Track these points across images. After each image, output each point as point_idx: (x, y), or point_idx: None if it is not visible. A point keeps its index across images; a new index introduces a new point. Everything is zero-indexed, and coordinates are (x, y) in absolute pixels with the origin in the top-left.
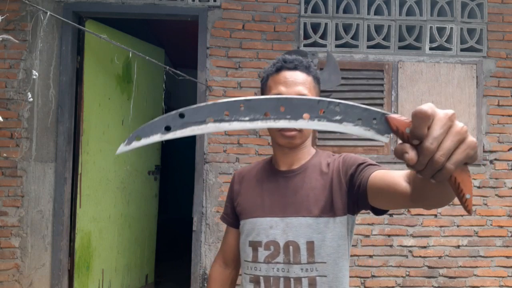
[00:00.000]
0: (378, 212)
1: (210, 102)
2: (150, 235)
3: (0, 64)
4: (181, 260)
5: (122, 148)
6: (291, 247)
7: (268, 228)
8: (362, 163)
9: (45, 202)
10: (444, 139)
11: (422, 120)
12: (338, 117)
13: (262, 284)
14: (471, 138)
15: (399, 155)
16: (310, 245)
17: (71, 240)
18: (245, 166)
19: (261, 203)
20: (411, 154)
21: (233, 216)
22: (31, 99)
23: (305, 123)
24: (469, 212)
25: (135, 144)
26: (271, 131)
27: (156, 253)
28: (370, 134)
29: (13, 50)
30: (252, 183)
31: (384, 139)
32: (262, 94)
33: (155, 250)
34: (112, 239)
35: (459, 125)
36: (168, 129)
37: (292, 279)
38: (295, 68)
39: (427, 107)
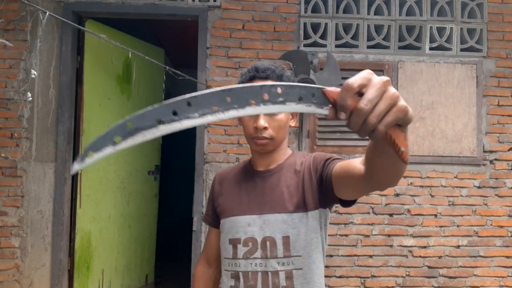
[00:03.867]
0: (345, 203)
1: (156, 105)
2: (150, 235)
3: (0, 64)
4: (181, 260)
5: (76, 167)
6: (268, 242)
7: (247, 225)
8: (328, 158)
9: (45, 202)
10: (378, 102)
11: (346, 91)
12: (281, 99)
13: (241, 279)
14: (402, 103)
15: (330, 117)
16: (286, 239)
17: (71, 240)
18: (225, 168)
19: (239, 202)
20: (331, 111)
21: (214, 217)
22: (30, 98)
23: (252, 110)
24: (405, 162)
25: (89, 160)
26: (246, 137)
27: (156, 253)
28: (311, 109)
29: (13, 50)
30: (231, 184)
31: (324, 111)
32: None
33: (155, 250)
34: (112, 239)
35: (392, 90)
36: (119, 139)
37: (269, 273)
38: (266, 77)
39: (359, 76)
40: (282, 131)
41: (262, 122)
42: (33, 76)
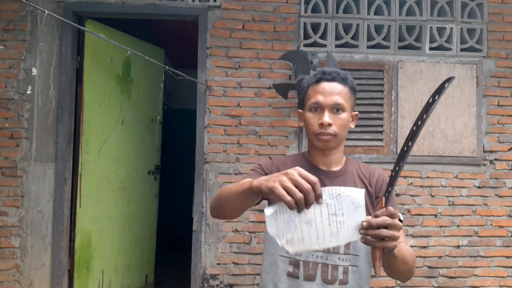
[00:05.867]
0: None
1: None
2: (150, 235)
3: (0, 64)
4: (181, 260)
5: None
6: None
7: None
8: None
9: (45, 202)
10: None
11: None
12: None
13: (301, 267)
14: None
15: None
16: None
17: (71, 240)
18: (279, 156)
19: None
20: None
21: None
22: (30, 92)
23: None
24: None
25: None
26: (308, 134)
27: (156, 253)
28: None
29: (13, 50)
30: None
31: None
32: (301, 101)
33: (155, 250)
34: (112, 239)
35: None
36: None
37: (330, 266)
38: (333, 79)
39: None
40: (344, 130)
41: (328, 118)
42: (33, 73)
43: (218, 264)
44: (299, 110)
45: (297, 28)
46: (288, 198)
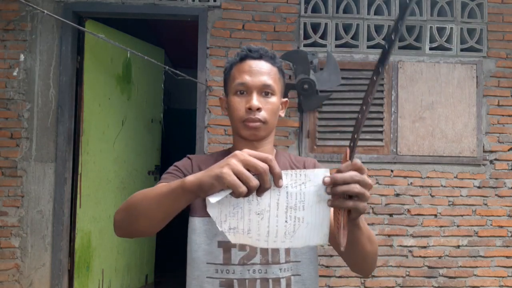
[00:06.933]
0: None
1: None
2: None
3: (0, 64)
4: (181, 260)
5: None
6: None
7: None
8: None
9: (45, 202)
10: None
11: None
12: None
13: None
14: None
15: None
16: None
17: (71, 240)
18: (197, 155)
19: None
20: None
21: None
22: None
23: None
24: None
25: None
26: (233, 122)
27: (156, 253)
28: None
29: (13, 50)
30: None
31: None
32: (226, 84)
33: (155, 250)
34: (112, 239)
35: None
36: None
37: (270, 280)
38: (260, 57)
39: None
40: (274, 116)
41: (256, 102)
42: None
43: None
44: (221, 97)
45: (297, 28)
46: (243, 188)
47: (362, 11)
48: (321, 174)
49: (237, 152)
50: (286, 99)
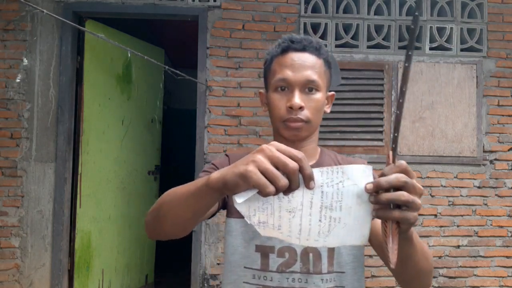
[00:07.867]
0: None
1: None
2: None
3: (0, 64)
4: (181, 260)
5: None
6: (311, 254)
7: None
8: None
9: (45, 202)
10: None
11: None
12: None
13: None
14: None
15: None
16: (331, 252)
17: (71, 240)
18: (235, 152)
19: None
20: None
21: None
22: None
23: None
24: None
25: None
26: (273, 121)
27: (156, 253)
28: None
29: (13, 50)
30: None
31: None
32: (266, 79)
33: (155, 250)
34: (112, 239)
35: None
36: None
37: None
38: (303, 49)
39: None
40: (318, 114)
41: (298, 100)
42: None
43: (218, 264)
44: (261, 91)
45: (297, 28)
46: (271, 188)
47: (362, 11)
48: (361, 170)
49: (264, 146)
50: (332, 92)
